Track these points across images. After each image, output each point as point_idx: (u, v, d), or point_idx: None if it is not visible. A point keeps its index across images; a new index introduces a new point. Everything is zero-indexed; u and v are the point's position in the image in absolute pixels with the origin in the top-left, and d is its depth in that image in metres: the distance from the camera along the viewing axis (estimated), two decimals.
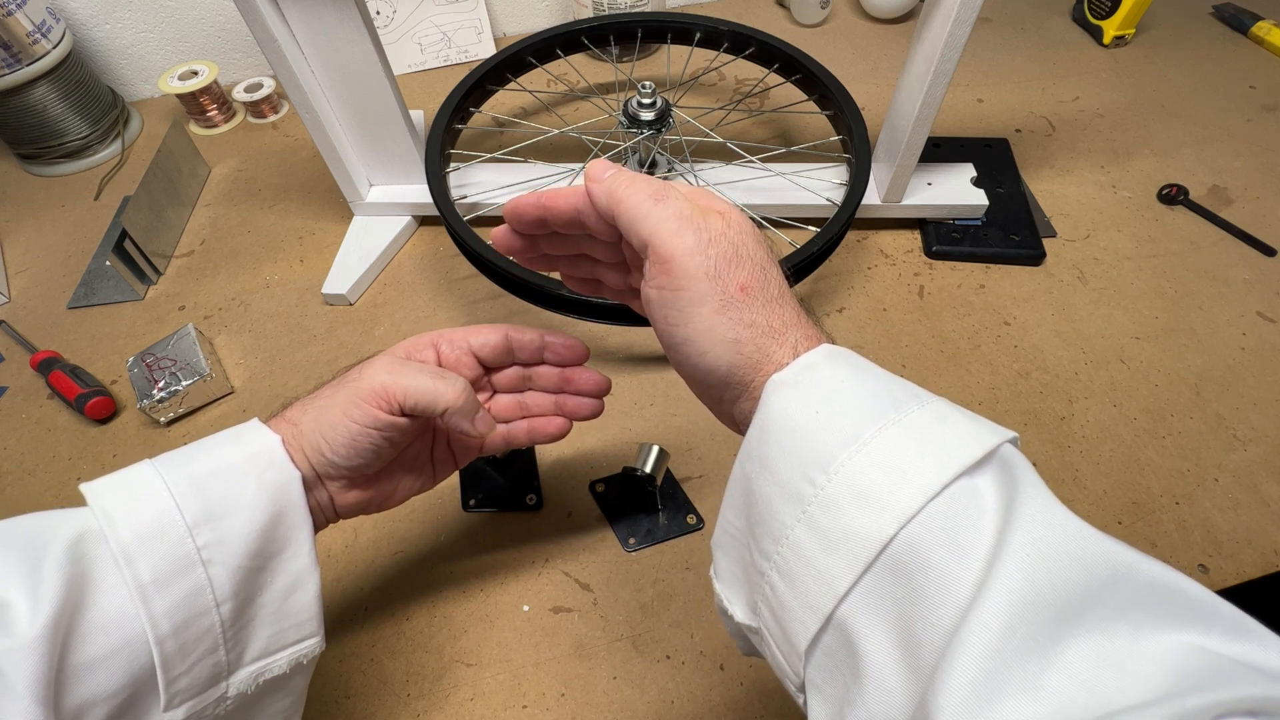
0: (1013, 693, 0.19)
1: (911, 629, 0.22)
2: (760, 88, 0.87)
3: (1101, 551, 0.22)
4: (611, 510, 0.55)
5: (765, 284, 0.29)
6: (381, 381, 0.35)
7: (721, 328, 0.28)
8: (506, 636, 0.50)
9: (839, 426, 0.25)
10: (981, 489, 0.23)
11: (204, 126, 0.91)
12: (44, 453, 0.61)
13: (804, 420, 0.26)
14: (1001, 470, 0.24)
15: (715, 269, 0.28)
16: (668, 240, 0.28)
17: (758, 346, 0.28)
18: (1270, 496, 0.54)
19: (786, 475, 0.26)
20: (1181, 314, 0.66)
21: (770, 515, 0.26)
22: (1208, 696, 0.18)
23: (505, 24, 1.03)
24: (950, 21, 0.53)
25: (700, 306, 0.28)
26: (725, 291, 0.28)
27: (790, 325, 0.29)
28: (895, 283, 0.69)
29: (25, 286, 0.75)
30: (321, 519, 0.37)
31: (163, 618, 0.29)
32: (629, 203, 0.30)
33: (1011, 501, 0.23)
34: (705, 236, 0.28)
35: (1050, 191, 0.77)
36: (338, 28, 0.60)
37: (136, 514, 0.30)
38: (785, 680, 0.27)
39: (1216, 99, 0.86)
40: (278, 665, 0.34)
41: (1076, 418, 0.59)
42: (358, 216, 0.75)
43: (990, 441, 0.24)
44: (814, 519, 0.24)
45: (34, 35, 0.77)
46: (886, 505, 0.23)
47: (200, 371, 0.61)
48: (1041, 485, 0.24)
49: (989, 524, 0.22)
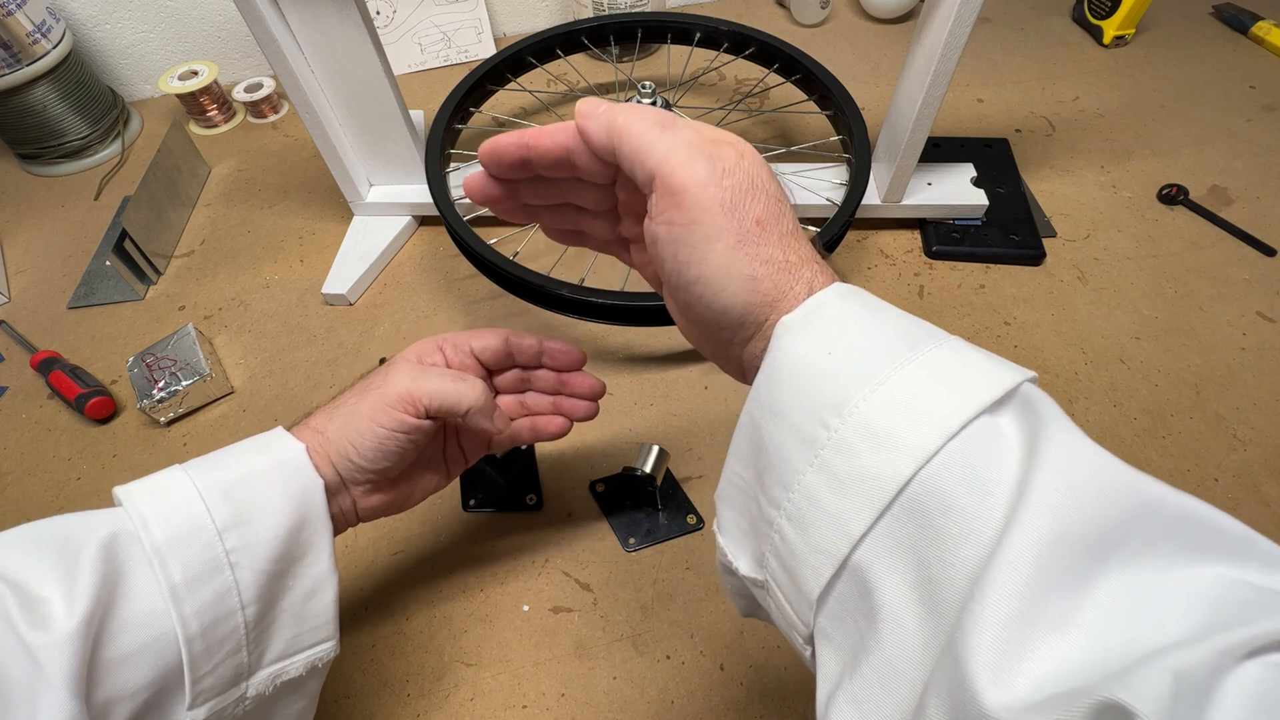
0: (1046, 630, 0.19)
1: (931, 571, 0.21)
2: (760, 88, 0.87)
3: (1129, 483, 0.21)
4: (611, 510, 0.55)
5: (781, 217, 0.27)
6: (406, 387, 0.37)
7: (738, 264, 0.26)
8: (506, 636, 0.50)
9: (853, 367, 0.24)
10: (1003, 426, 0.22)
11: (204, 126, 0.91)
12: (44, 453, 0.61)
13: (816, 362, 0.25)
14: (1023, 408, 0.23)
15: (731, 201, 0.26)
16: (678, 170, 0.26)
17: (775, 284, 0.26)
18: (1270, 496, 0.54)
19: (798, 419, 0.24)
20: (1181, 314, 0.66)
21: (781, 461, 0.25)
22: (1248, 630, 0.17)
23: (505, 24, 1.03)
24: (950, 21, 0.53)
25: (715, 242, 0.26)
26: (742, 225, 0.26)
27: (805, 260, 0.27)
28: (895, 283, 0.69)
29: (25, 286, 0.75)
30: (343, 523, 0.39)
31: (192, 618, 0.30)
32: (631, 130, 0.27)
33: (1035, 437, 0.22)
34: (719, 166, 0.26)
35: (1050, 191, 0.77)
36: (338, 28, 0.60)
37: (170, 517, 0.31)
38: (792, 633, 0.26)
39: (1216, 99, 0.86)
40: (295, 667, 0.35)
41: (1076, 418, 0.59)
42: (358, 216, 0.75)
43: (1011, 380, 0.23)
44: (827, 462, 0.23)
45: (34, 35, 0.77)
46: (904, 445, 0.22)
47: (200, 371, 0.61)
48: (1065, 419, 0.23)
49: (1012, 461, 0.21)
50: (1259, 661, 0.17)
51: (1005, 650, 0.19)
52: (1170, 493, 0.21)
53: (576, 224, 0.34)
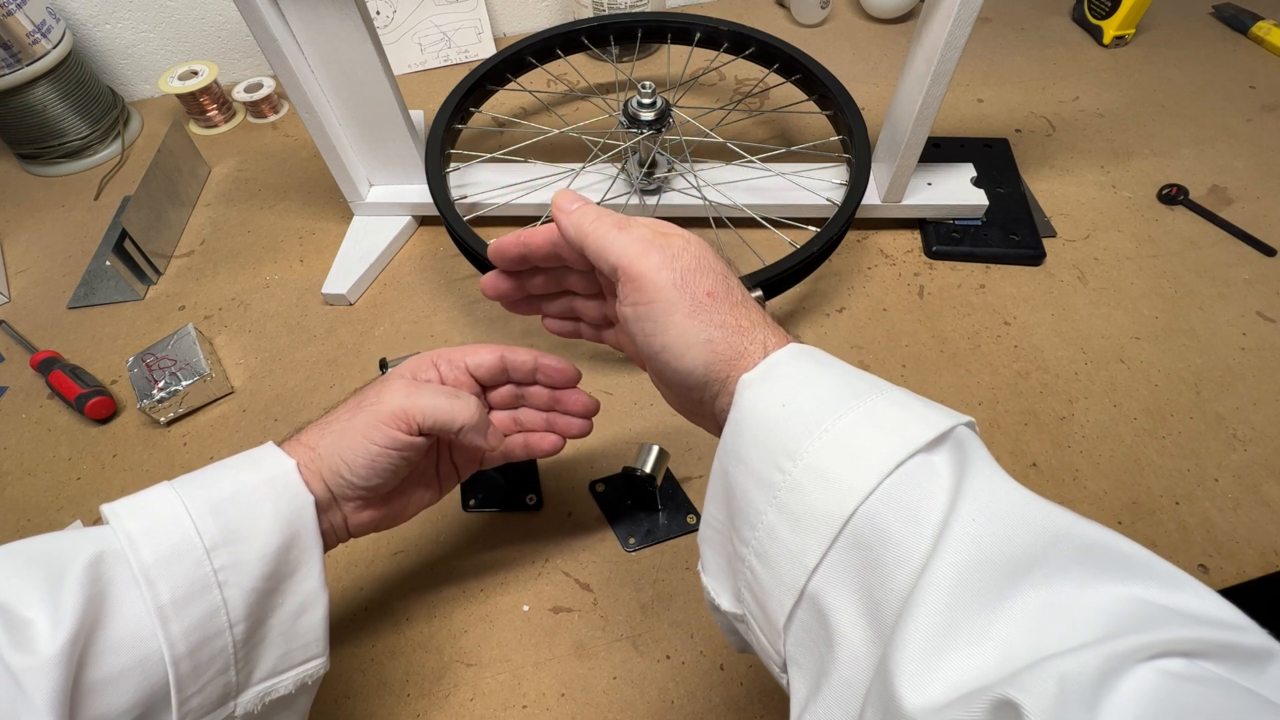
0: (962, 644, 0.21)
1: (874, 596, 0.24)
2: (760, 88, 0.87)
3: (1043, 515, 0.23)
4: (611, 510, 0.55)
5: (729, 289, 0.32)
6: (400, 404, 0.37)
7: (694, 330, 0.30)
8: (506, 636, 0.50)
9: (804, 416, 0.27)
10: (936, 465, 0.25)
11: (204, 126, 0.91)
12: (44, 453, 0.61)
13: (772, 413, 0.28)
14: (955, 449, 0.26)
15: (682, 279, 0.31)
16: (635, 260, 0.31)
17: (730, 344, 0.30)
18: (1270, 496, 0.54)
19: (758, 465, 0.28)
20: (1181, 314, 0.66)
21: (747, 504, 0.28)
22: (1144, 638, 0.19)
23: (505, 24, 1.03)
24: (950, 21, 0.53)
25: (673, 314, 0.31)
26: (694, 297, 0.31)
27: (756, 324, 0.31)
28: (895, 283, 0.69)
29: (25, 286, 0.75)
30: (334, 539, 0.39)
31: (180, 638, 0.30)
32: (595, 234, 0.33)
33: (961, 475, 0.24)
34: (669, 253, 0.31)
35: (1050, 191, 0.77)
36: (338, 28, 0.60)
37: (158, 536, 0.31)
38: (769, 663, 0.29)
39: (1216, 99, 0.86)
40: (284, 685, 0.35)
41: (1076, 418, 0.59)
42: (358, 216, 0.75)
43: (944, 424, 0.26)
44: (784, 502, 0.26)
45: (34, 35, 0.77)
46: (846, 485, 0.25)
47: (200, 371, 0.61)
48: (989, 459, 0.26)
49: (941, 495, 0.24)
50: (1152, 666, 0.19)
51: (925, 660, 0.21)
52: (1080, 523, 0.23)
53: (572, 309, 0.41)
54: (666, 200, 0.71)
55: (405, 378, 0.39)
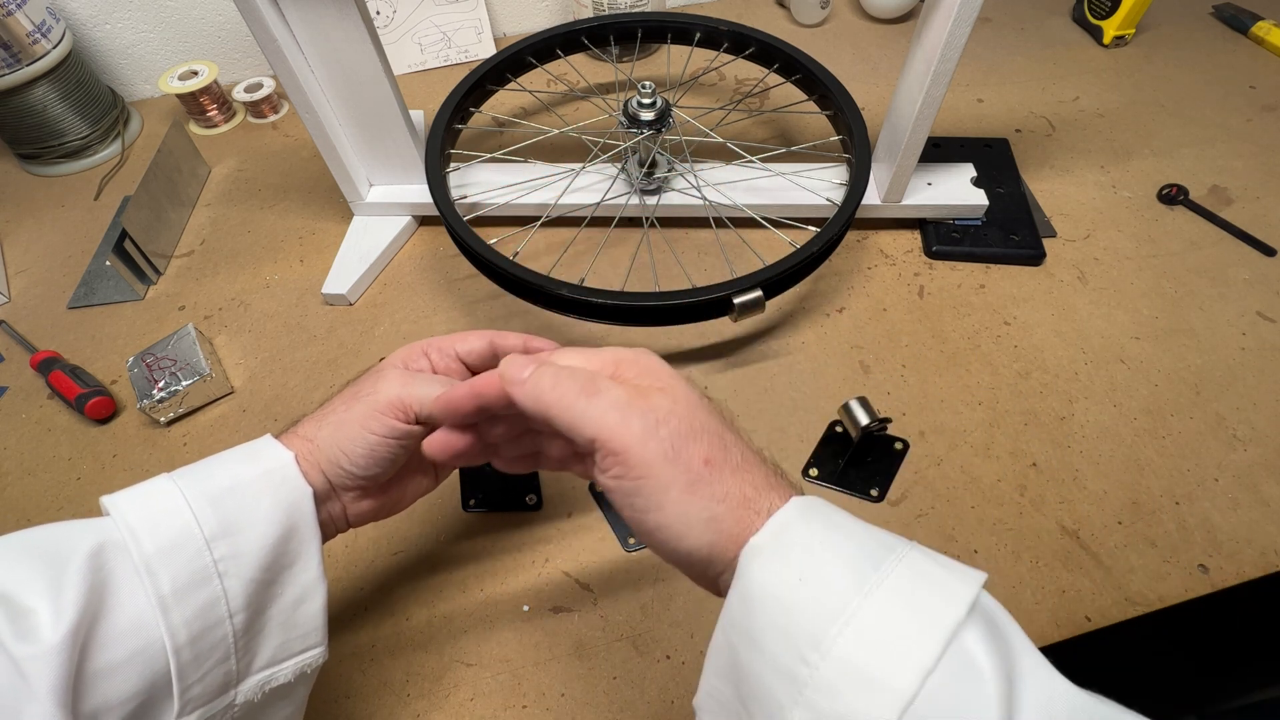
0: None
1: None
2: (760, 88, 0.87)
3: (1101, 715, 0.23)
4: (611, 510, 0.55)
5: (727, 453, 0.28)
6: (397, 394, 0.37)
7: (695, 508, 0.27)
8: (506, 636, 0.50)
9: (824, 599, 0.25)
10: (973, 652, 0.23)
11: (204, 126, 0.91)
12: (44, 453, 0.61)
13: (787, 593, 0.25)
14: (988, 627, 0.24)
15: (673, 449, 0.27)
16: (615, 433, 0.27)
17: (735, 519, 0.27)
18: (1270, 496, 0.54)
19: (777, 652, 0.25)
20: (1181, 314, 0.66)
21: (764, 693, 0.25)
22: None
23: (505, 24, 1.03)
24: (950, 21, 0.53)
25: (668, 490, 0.27)
26: (690, 470, 0.27)
27: (761, 490, 0.28)
28: (895, 283, 0.69)
29: (25, 286, 0.75)
30: (333, 530, 0.39)
31: (181, 627, 0.30)
32: (559, 406, 0.28)
33: (1011, 672, 0.23)
34: (653, 418, 0.28)
35: (1050, 191, 0.77)
36: (338, 28, 0.60)
37: (158, 527, 0.31)
38: None
39: (1216, 99, 0.86)
40: (283, 674, 0.35)
41: (1076, 418, 0.59)
42: (358, 216, 0.75)
43: (968, 595, 0.24)
44: (812, 701, 0.24)
45: (34, 35, 0.77)
46: (886, 686, 0.23)
47: (200, 371, 0.61)
48: (1029, 644, 0.24)
49: (992, 695, 0.22)
50: None
51: None
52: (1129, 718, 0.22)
53: (534, 445, 0.37)
54: (666, 200, 0.71)
55: (399, 367, 0.39)
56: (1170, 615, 0.50)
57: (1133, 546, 0.52)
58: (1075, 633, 0.49)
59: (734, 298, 0.57)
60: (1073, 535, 0.53)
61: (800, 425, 0.59)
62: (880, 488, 0.55)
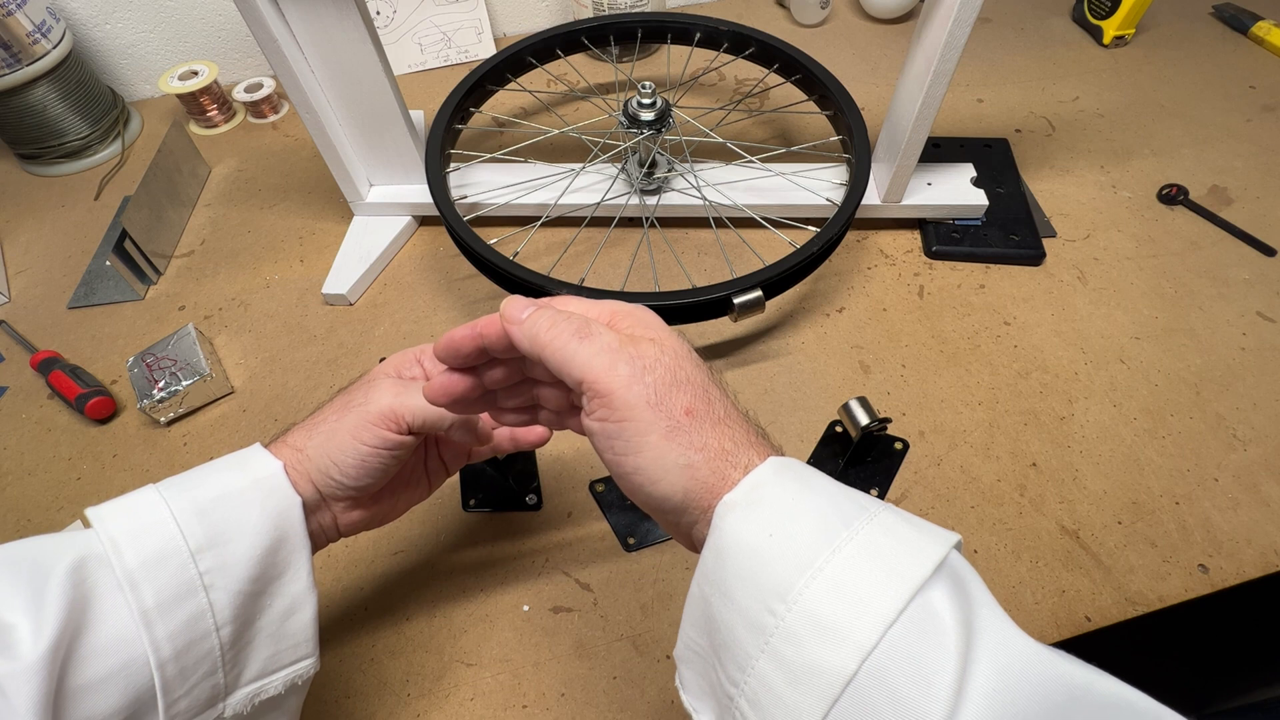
0: None
1: None
2: (760, 88, 0.87)
3: (1057, 675, 0.23)
4: (611, 510, 0.55)
5: (710, 406, 0.29)
6: (389, 404, 0.36)
7: (673, 453, 0.28)
8: (506, 636, 0.50)
9: (794, 551, 0.25)
10: (937, 607, 0.24)
11: (204, 126, 0.91)
12: (44, 453, 0.61)
13: (758, 544, 0.26)
14: (953, 583, 0.25)
15: (656, 396, 0.28)
16: (602, 375, 0.28)
17: (712, 469, 0.28)
18: (1270, 496, 0.54)
19: (746, 603, 0.26)
20: (1181, 314, 0.66)
21: (734, 642, 0.26)
22: None
23: (505, 24, 1.03)
24: (950, 21, 0.53)
25: (648, 434, 0.28)
26: (671, 417, 0.28)
27: (740, 445, 0.29)
28: (895, 283, 0.69)
29: (25, 286, 0.75)
30: (323, 540, 0.39)
31: (165, 642, 0.30)
32: (553, 346, 0.29)
33: (969, 623, 0.23)
34: (640, 364, 0.29)
35: (1050, 191, 0.77)
36: (338, 28, 0.60)
37: (142, 540, 0.31)
38: None
39: (1216, 99, 0.86)
40: (274, 686, 0.35)
41: (1076, 418, 0.59)
42: (358, 216, 0.76)
43: (937, 554, 0.25)
44: (777, 650, 0.24)
45: (34, 35, 0.77)
46: (847, 636, 0.23)
47: (200, 371, 0.61)
48: (992, 601, 0.25)
49: (951, 649, 0.23)
50: None
51: None
52: (1094, 677, 0.23)
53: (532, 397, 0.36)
54: (666, 200, 0.71)
55: (391, 376, 0.39)
56: (1170, 615, 0.50)
57: (1133, 546, 0.52)
58: (1075, 633, 0.49)
59: (734, 298, 0.57)
60: (1073, 535, 0.53)
61: (800, 425, 0.60)
62: (880, 488, 0.55)
